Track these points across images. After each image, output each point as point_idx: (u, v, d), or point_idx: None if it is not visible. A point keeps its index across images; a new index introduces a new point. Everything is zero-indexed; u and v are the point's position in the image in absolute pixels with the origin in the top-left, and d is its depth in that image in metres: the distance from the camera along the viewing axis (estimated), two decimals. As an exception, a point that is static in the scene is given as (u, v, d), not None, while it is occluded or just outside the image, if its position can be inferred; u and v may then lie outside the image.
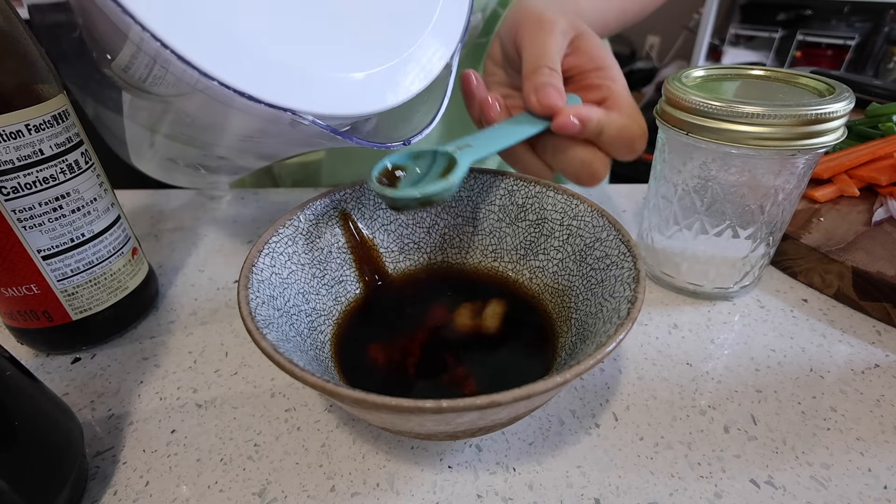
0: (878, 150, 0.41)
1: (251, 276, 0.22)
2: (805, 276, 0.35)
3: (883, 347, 0.29)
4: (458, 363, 0.25)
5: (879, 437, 0.24)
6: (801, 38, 1.89)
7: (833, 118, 0.25)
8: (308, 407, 0.26)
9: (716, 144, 0.27)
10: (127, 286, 0.30)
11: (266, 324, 0.20)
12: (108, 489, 0.22)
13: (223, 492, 0.22)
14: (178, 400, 0.27)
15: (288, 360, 0.18)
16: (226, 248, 0.40)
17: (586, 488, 0.22)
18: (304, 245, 0.27)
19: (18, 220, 0.25)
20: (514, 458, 0.23)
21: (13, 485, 0.18)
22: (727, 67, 0.32)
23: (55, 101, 0.25)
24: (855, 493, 0.22)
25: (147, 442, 0.25)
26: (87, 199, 0.27)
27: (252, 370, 0.29)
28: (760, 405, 0.26)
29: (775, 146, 0.26)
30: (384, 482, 0.23)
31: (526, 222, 0.30)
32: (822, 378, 0.27)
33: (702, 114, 0.27)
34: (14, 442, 0.18)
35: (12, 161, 0.23)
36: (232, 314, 0.33)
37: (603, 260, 0.25)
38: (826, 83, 0.28)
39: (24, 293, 0.27)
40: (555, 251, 0.28)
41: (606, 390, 0.27)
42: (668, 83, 0.29)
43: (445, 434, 0.20)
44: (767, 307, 0.33)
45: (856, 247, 0.33)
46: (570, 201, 0.28)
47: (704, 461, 0.23)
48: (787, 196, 0.29)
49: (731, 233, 0.30)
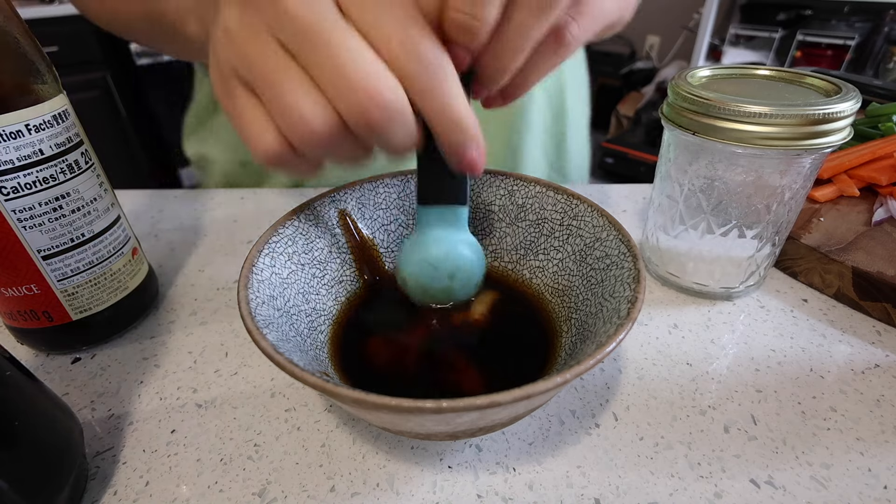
0: (878, 150, 0.41)
1: (251, 276, 0.22)
2: (805, 276, 0.35)
3: (883, 347, 0.29)
4: (457, 363, 0.25)
5: (879, 437, 0.24)
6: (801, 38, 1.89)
7: (839, 118, 0.25)
8: (308, 407, 0.26)
9: (722, 144, 0.27)
10: (127, 286, 0.30)
11: (266, 324, 0.20)
12: (108, 489, 0.22)
13: (223, 492, 0.22)
14: (178, 400, 0.27)
15: (288, 360, 0.18)
16: (226, 248, 0.40)
17: (586, 488, 0.22)
18: (303, 245, 0.27)
19: (18, 220, 0.25)
20: (514, 458, 0.23)
21: (13, 485, 0.18)
22: (733, 67, 0.32)
23: (55, 101, 0.25)
24: (855, 493, 0.22)
25: (147, 442, 0.25)
26: (87, 199, 0.27)
27: (252, 370, 0.29)
28: (760, 405, 0.26)
29: (782, 146, 0.26)
30: (384, 482, 0.23)
31: (526, 222, 0.30)
32: (822, 378, 0.27)
33: (708, 113, 0.27)
34: (14, 442, 0.18)
35: (12, 161, 0.23)
36: (232, 314, 0.33)
37: (603, 260, 0.25)
38: (832, 83, 0.28)
39: (24, 293, 0.27)
40: (555, 251, 0.28)
41: (606, 390, 0.27)
42: (675, 83, 0.29)
43: (445, 434, 0.20)
44: (767, 307, 0.33)
45: (856, 247, 0.33)
46: (570, 201, 0.28)
47: (704, 461, 0.23)
48: (793, 195, 0.28)
49: (737, 232, 0.30)
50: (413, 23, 0.18)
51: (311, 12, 0.18)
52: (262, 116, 0.19)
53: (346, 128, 0.19)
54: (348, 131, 0.19)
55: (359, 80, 0.17)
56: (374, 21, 0.18)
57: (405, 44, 0.18)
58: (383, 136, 0.19)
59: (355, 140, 0.20)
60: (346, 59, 0.17)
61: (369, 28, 0.18)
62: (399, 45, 0.18)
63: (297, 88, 0.18)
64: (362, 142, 0.20)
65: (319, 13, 0.18)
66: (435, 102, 0.19)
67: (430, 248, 0.26)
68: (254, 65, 0.19)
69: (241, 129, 0.20)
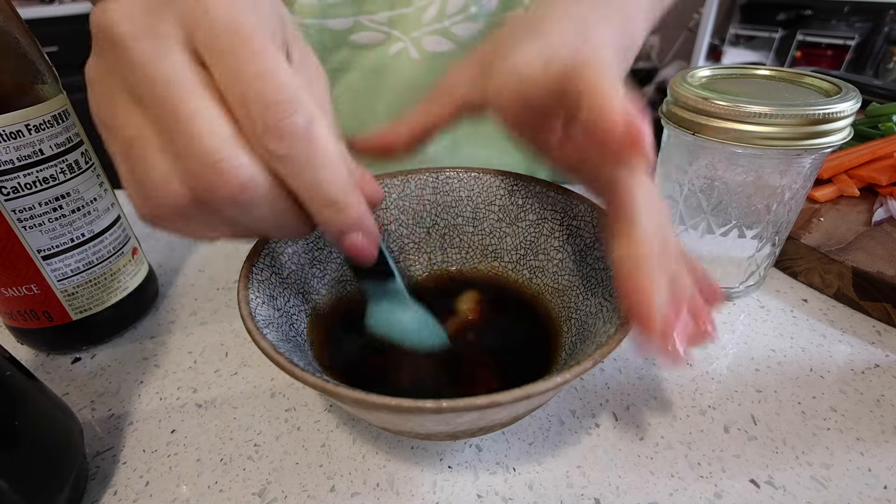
0: (878, 150, 0.41)
1: (251, 276, 0.22)
2: (805, 276, 0.35)
3: (883, 347, 0.29)
4: (457, 363, 0.25)
5: (879, 437, 0.24)
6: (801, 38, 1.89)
7: (839, 118, 0.25)
8: (308, 407, 0.26)
9: (722, 144, 0.27)
10: (127, 286, 0.30)
11: (266, 324, 0.20)
12: (108, 489, 0.22)
13: (223, 492, 0.22)
14: (178, 400, 0.27)
15: (288, 361, 0.18)
16: (226, 248, 0.40)
17: (586, 488, 0.22)
18: (303, 245, 0.27)
19: (18, 220, 0.25)
20: (514, 458, 0.23)
21: (13, 485, 0.18)
22: (733, 67, 0.32)
23: (55, 101, 0.25)
24: (855, 493, 0.22)
25: (147, 442, 0.25)
26: (87, 199, 0.27)
27: (252, 370, 0.28)
28: (760, 405, 0.26)
29: (782, 146, 0.26)
30: (384, 482, 0.23)
31: (526, 222, 0.30)
32: (822, 378, 0.27)
33: (708, 113, 0.27)
34: (14, 442, 0.18)
35: (12, 161, 0.23)
36: (232, 314, 0.33)
37: (603, 260, 0.25)
38: (832, 83, 0.28)
39: (24, 293, 0.27)
40: (555, 251, 0.28)
41: (606, 390, 0.27)
42: (675, 83, 0.29)
43: (445, 434, 0.20)
44: (767, 307, 0.33)
45: (856, 247, 0.33)
46: (569, 201, 0.28)
47: (704, 461, 0.23)
48: (793, 195, 0.28)
49: (737, 232, 0.30)
50: (272, 77, 0.15)
51: (159, 67, 0.15)
52: (131, 179, 0.17)
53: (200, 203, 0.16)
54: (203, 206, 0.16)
55: (202, 152, 0.15)
56: (230, 74, 0.15)
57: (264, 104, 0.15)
58: (245, 215, 0.17)
59: (223, 216, 0.17)
60: (191, 126, 0.15)
61: (225, 84, 0.15)
62: (257, 106, 0.15)
63: (149, 157, 0.16)
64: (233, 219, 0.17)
65: (167, 68, 0.15)
66: (303, 177, 0.16)
67: (380, 321, 0.25)
68: (110, 127, 0.16)
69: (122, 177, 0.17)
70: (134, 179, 0.16)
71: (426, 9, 0.41)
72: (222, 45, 0.15)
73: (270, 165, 0.16)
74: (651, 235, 0.18)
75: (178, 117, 0.15)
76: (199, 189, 0.15)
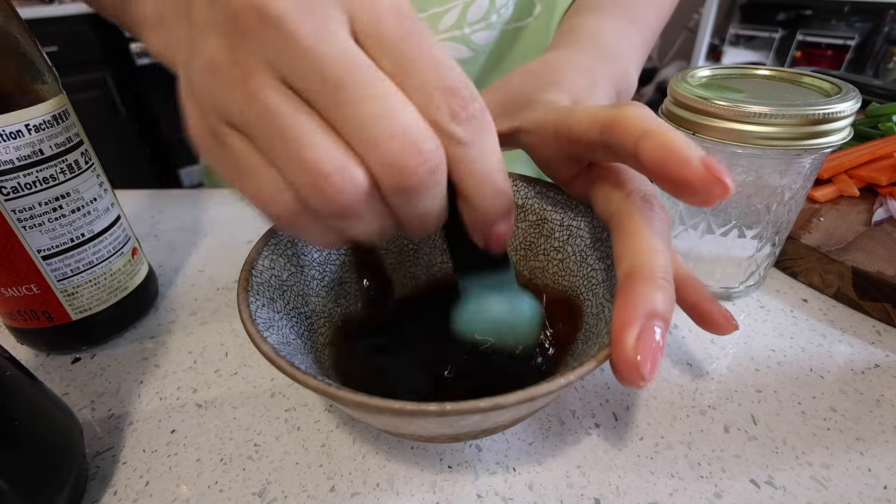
0: (878, 150, 0.41)
1: (251, 279, 0.22)
2: (805, 276, 0.35)
3: (883, 347, 0.29)
4: (458, 364, 0.25)
5: (879, 437, 0.24)
6: (801, 38, 1.89)
7: (839, 118, 0.25)
8: (308, 407, 0.26)
9: (722, 144, 0.27)
10: (127, 286, 0.30)
11: (266, 326, 0.20)
12: (108, 489, 0.22)
13: (223, 492, 0.22)
14: (178, 400, 0.27)
15: (289, 364, 0.18)
16: (226, 248, 0.40)
17: (586, 488, 0.22)
18: (303, 246, 0.27)
19: (18, 220, 0.25)
20: (514, 458, 0.23)
21: (13, 485, 0.18)
22: (732, 67, 0.32)
23: (55, 101, 0.25)
24: (855, 493, 0.22)
25: (147, 442, 0.25)
26: (87, 199, 0.27)
27: (252, 370, 0.28)
28: (760, 405, 0.26)
29: (782, 146, 0.26)
30: (384, 482, 0.23)
31: (526, 223, 0.30)
32: (822, 378, 0.27)
33: (708, 113, 0.27)
34: (14, 442, 0.18)
35: (12, 161, 0.23)
36: (232, 314, 0.33)
37: (604, 261, 0.25)
38: (832, 83, 0.28)
39: (24, 293, 0.27)
40: (555, 252, 0.28)
41: (606, 390, 0.27)
42: (674, 83, 0.29)
43: (448, 437, 0.20)
44: (767, 307, 0.33)
45: (856, 247, 0.33)
46: (570, 201, 0.28)
47: (704, 461, 0.23)
48: (793, 195, 0.28)
49: (737, 232, 0.30)
50: (450, 63, 0.15)
51: (332, 48, 0.14)
52: (272, 173, 0.16)
53: (377, 191, 0.16)
54: (377, 196, 0.16)
55: (397, 132, 0.14)
56: (406, 60, 0.15)
57: (450, 91, 0.15)
58: (419, 200, 0.16)
59: (383, 208, 0.17)
60: (378, 107, 0.14)
61: (400, 70, 0.15)
62: (441, 93, 0.15)
63: (319, 143, 0.15)
64: (392, 209, 0.17)
65: (341, 49, 0.14)
66: (478, 165, 0.16)
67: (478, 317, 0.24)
68: (257, 113, 0.15)
69: (243, 185, 0.16)
70: (298, 171, 0.15)
71: (442, 16, 0.40)
72: (391, 30, 0.15)
73: (449, 151, 0.16)
74: (658, 283, 0.18)
75: (361, 97, 0.14)
76: (389, 173, 0.15)
